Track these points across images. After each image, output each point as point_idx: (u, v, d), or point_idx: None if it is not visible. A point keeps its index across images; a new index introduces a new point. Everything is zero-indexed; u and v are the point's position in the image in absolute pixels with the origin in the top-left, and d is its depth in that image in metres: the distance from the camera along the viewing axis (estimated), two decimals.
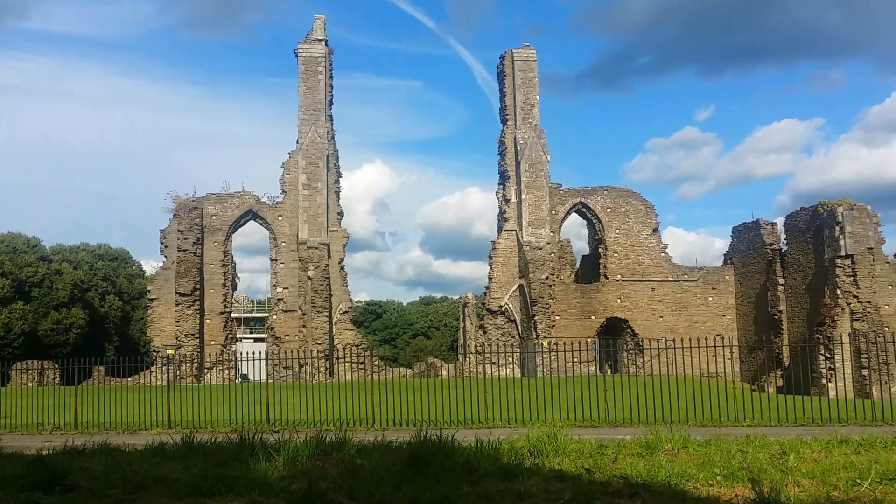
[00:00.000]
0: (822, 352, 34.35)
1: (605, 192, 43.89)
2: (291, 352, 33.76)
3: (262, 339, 52.72)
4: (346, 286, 42.28)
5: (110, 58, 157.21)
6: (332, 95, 43.05)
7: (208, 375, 38.97)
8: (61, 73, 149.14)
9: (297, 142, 41.75)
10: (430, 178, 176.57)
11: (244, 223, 43.05)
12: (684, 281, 43.23)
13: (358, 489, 7.23)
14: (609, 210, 43.50)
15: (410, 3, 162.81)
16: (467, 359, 40.13)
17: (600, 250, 43.51)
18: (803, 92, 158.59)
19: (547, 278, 41.01)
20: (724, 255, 45.53)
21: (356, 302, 66.63)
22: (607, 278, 42.80)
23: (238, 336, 52.59)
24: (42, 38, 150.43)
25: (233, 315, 45.91)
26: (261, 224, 42.58)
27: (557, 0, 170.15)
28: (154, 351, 40.17)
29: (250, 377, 32.56)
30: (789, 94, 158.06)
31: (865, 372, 32.69)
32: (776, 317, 39.60)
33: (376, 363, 37.14)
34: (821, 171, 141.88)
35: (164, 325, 40.28)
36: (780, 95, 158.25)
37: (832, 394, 29.38)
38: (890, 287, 36.68)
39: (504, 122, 44.02)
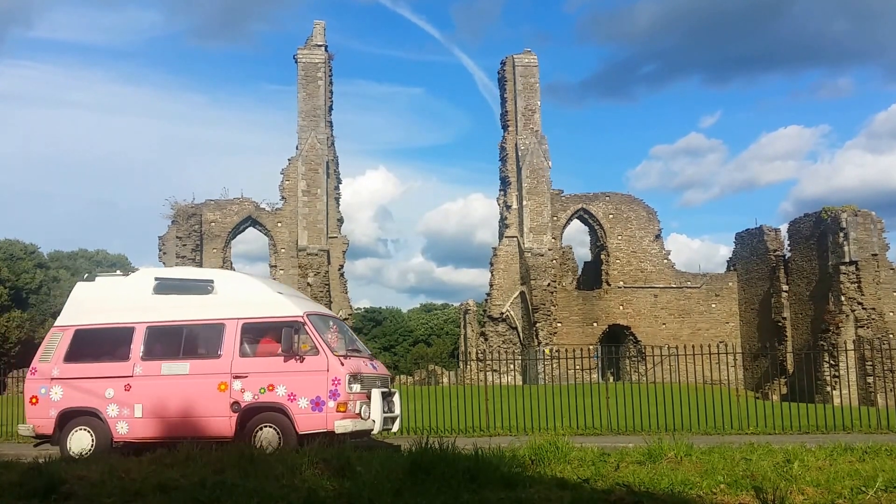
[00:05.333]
0: (827, 359, 34.22)
1: (607, 198, 43.86)
2: None
3: None
4: (346, 293, 42.25)
5: (112, 65, 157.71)
6: (332, 101, 43.09)
7: None
8: (62, 81, 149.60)
9: (297, 148, 41.75)
10: (434, 186, 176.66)
11: (243, 230, 43.02)
12: (687, 288, 43.15)
13: (358, 497, 7.14)
14: (611, 216, 43.46)
15: (413, 11, 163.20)
16: (468, 366, 40.01)
17: (602, 257, 43.44)
18: (809, 99, 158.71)
19: (548, 285, 40.94)
20: (728, 261, 45.48)
21: (356, 309, 66.54)
22: (609, 285, 42.72)
23: None
24: (46, 46, 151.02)
25: None
26: (260, 231, 42.56)
27: (563, 8, 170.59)
28: None
29: None
30: (795, 102, 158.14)
31: (870, 379, 32.55)
32: (780, 324, 39.48)
33: None
34: (825, 178, 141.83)
35: None
36: (785, 103, 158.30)
37: (836, 401, 29.22)
38: (895, 293, 36.57)
39: (505, 127, 44.04)
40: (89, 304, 13.68)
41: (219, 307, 12.97)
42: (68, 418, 13.09)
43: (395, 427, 13.54)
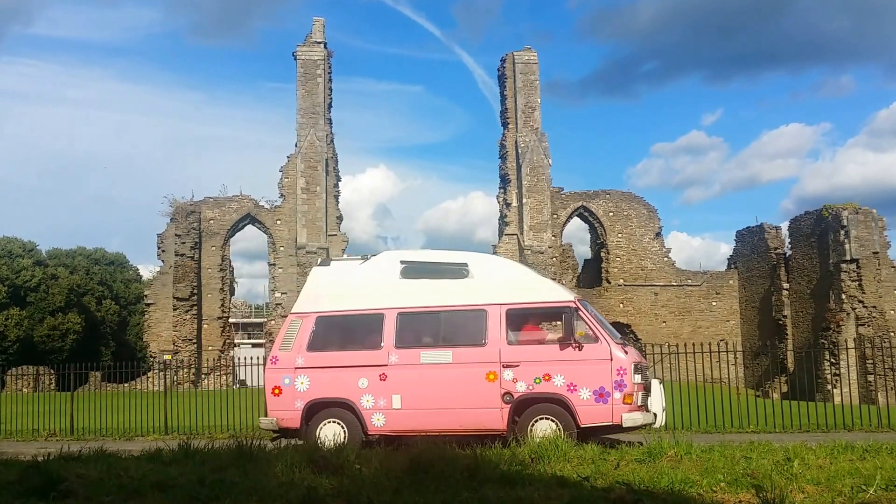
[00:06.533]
0: (827, 357, 34.19)
1: (608, 195, 43.80)
2: None
3: (260, 345, 52.67)
4: None
5: (111, 62, 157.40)
6: (331, 98, 42.99)
7: (206, 381, 38.75)
8: (61, 78, 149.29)
9: (296, 145, 41.69)
10: (433, 183, 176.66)
11: (242, 227, 42.98)
12: (688, 286, 43.09)
13: (357, 496, 7.12)
14: (611, 214, 43.41)
15: (414, 9, 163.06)
16: None
17: (602, 255, 43.40)
18: (810, 97, 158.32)
19: None
20: (728, 259, 45.45)
21: None
22: (609, 283, 42.66)
23: (236, 341, 52.49)
24: (45, 43, 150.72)
25: (231, 320, 45.82)
26: (259, 228, 42.51)
27: (564, 6, 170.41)
28: (151, 356, 40.00)
29: (248, 383, 32.39)
30: (796, 100, 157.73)
31: (871, 377, 32.48)
32: (780, 322, 39.43)
33: None
34: (827, 176, 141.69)
35: (161, 330, 40.16)
36: (787, 101, 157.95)
37: (837, 400, 29.23)
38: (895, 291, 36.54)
39: (505, 125, 43.98)
40: (329, 289, 12.99)
41: (477, 291, 12.29)
42: (316, 410, 12.39)
43: (663, 420, 12.59)
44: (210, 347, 40.61)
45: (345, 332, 12.93)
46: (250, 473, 8.35)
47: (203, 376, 39.02)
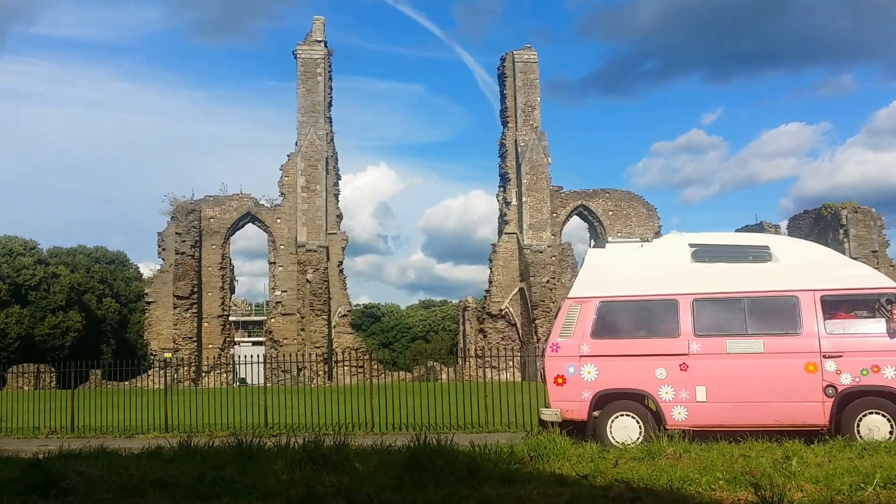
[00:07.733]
0: None
1: (607, 194, 43.83)
2: (290, 355, 33.64)
3: (260, 343, 52.70)
4: (345, 289, 42.21)
5: (112, 62, 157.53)
6: (331, 97, 43.01)
7: (206, 379, 38.83)
8: (63, 77, 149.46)
9: (296, 144, 41.70)
10: (434, 182, 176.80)
11: (242, 226, 43.01)
12: None
13: (356, 494, 7.13)
14: (611, 213, 43.45)
15: (414, 8, 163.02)
16: (467, 362, 40.02)
17: None
18: (811, 96, 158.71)
19: (548, 282, 40.92)
20: None
21: (355, 305, 66.53)
22: None
23: (236, 339, 52.49)
24: (47, 42, 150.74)
25: (231, 318, 45.84)
26: (259, 227, 42.54)
27: (564, 5, 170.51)
28: (151, 354, 40.06)
29: (248, 381, 32.44)
30: (797, 99, 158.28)
31: None
32: None
33: (375, 367, 37.02)
34: (826, 175, 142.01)
35: (162, 328, 40.19)
36: (787, 100, 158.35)
37: None
38: None
39: (505, 124, 43.99)
40: (609, 273, 12.30)
41: (783, 276, 11.57)
42: (606, 401, 11.62)
43: None
44: (210, 345, 40.64)
45: (632, 318, 12.11)
46: (250, 471, 8.35)
47: (203, 374, 39.08)
